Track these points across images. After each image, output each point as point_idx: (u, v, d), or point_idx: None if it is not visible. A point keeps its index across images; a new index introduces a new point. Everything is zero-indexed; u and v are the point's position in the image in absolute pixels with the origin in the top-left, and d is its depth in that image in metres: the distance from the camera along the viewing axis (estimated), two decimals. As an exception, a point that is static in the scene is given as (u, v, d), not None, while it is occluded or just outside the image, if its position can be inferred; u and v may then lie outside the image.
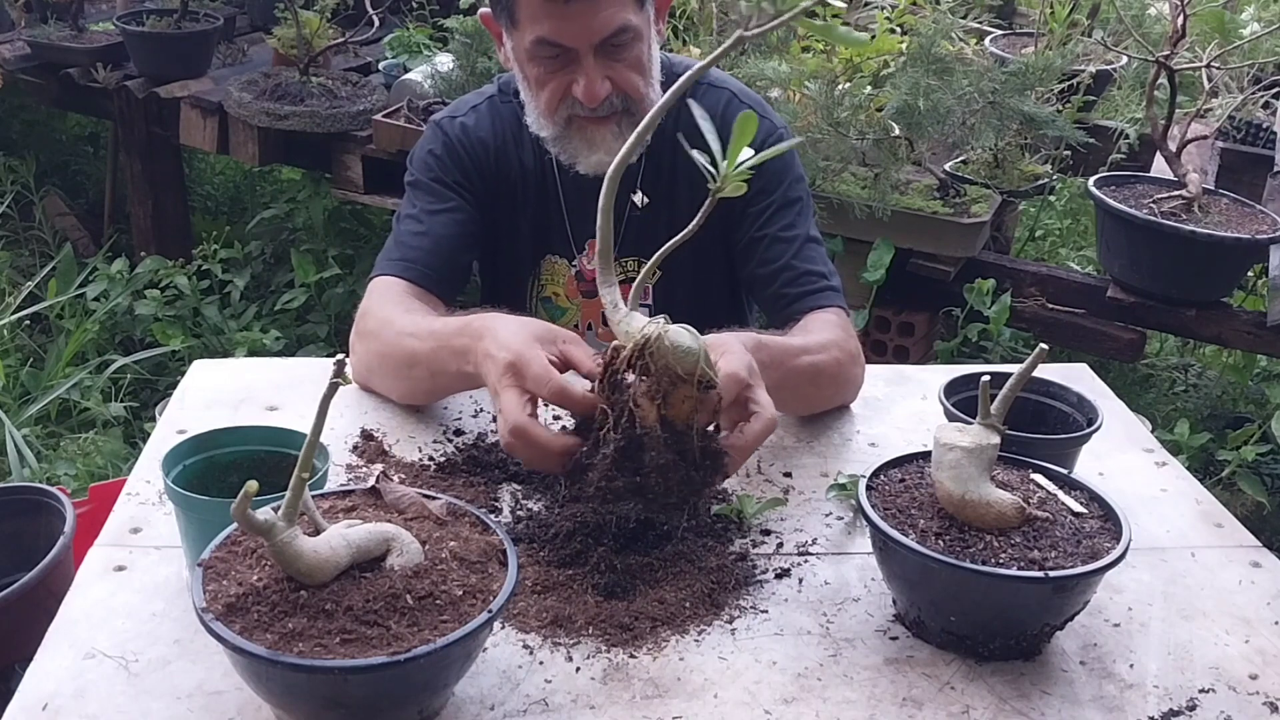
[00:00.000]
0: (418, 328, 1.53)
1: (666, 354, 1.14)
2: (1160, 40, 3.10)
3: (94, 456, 3.08)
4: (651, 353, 1.14)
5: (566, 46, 1.59)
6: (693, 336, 1.16)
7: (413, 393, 1.59)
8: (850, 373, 1.66)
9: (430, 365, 1.51)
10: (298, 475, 0.99)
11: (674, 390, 1.16)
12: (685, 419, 1.17)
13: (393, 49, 3.96)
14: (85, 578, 1.25)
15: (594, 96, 1.61)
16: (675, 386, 1.15)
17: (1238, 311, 2.92)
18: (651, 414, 1.16)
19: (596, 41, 1.59)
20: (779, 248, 1.73)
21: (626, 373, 1.18)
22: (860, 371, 1.69)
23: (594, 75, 1.61)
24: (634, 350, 1.15)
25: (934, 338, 3.21)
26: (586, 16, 1.56)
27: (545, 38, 1.59)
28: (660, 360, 1.14)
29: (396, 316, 1.59)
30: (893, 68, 2.98)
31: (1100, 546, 1.16)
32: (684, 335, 1.15)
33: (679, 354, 1.14)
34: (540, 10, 1.58)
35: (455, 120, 1.81)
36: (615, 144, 1.67)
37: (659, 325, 1.15)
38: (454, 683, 1.06)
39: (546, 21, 1.58)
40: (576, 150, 1.69)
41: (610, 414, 1.18)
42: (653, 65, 1.68)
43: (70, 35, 4.15)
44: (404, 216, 1.77)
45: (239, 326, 3.77)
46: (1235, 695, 1.15)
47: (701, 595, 1.25)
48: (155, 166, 4.24)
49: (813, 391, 1.60)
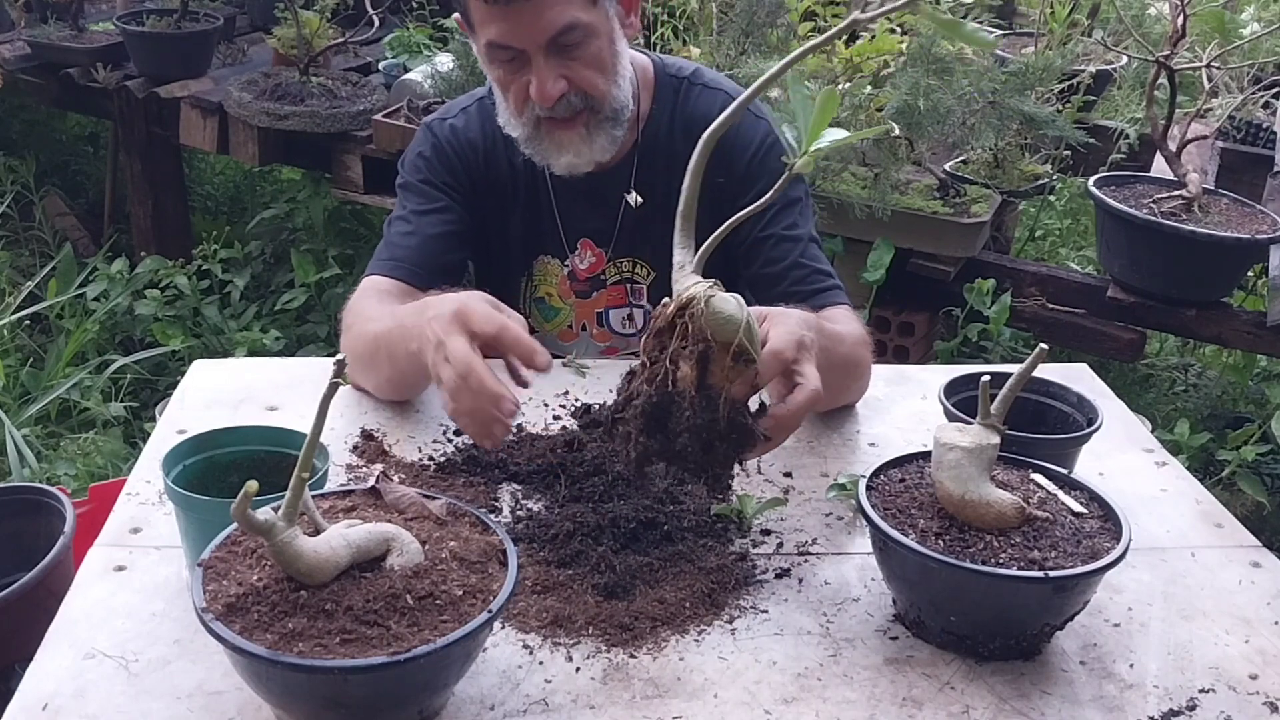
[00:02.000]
0: (380, 313, 1.55)
1: (706, 319, 1.11)
2: (1160, 40, 3.10)
3: (94, 456, 3.08)
4: (691, 314, 1.12)
5: (516, 48, 1.59)
6: (738, 305, 1.13)
7: (381, 383, 1.60)
8: (870, 369, 1.66)
9: (389, 348, 1.51)
10: (298, 475, 0.99)
11: (711, 357, 1.13)
12: (721, 387, 1.15)
13: (393, 49, 3.96)
14: (85, 578, 1.25)
15: (546, 97, 1.60)
16: (713, 353, 1.13)
17: (1238, 311, 2.92)
18: (689, 375, 1.13)
19: (544, 41, 1.57)
20: (785, 246, 1.73)
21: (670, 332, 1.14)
22: (870, 371, 1.70)
23: (545, 75, 1.60)
24: (676, 309, 1.13)
25: (934, 338, 3.21)
26: (530, 15, 1.55)
27: (494, 40, 1.59)
28: (698, 324, 1.12)
29: (368, 307, 1.60)
30: (893, 68, 2.98)
31: (1100, 546, 1.16)
32: (729, 303, 1.12)
33: (718, 321, 1.11)
34: (485, 14, 1.58)
35: (445, 122, 1.81)
36: (583, 145, 1.67)
37: (705, 288, 1.12)
38: (454, 683, 1.06)
39: (492, 25, 1.58)
40: (547, 152, 1.69)
41: (648, 367, 1.16)
42: (616, 61, 1.65)
43: (70, 35, 4.15)
44: (394, 219, 1.78)
45: (239, 326, 3.77)
46: (1235, 695, 1.15)
47: (701, 595, 1.25)
48: (155, 166, 4.23)
49: (850, 383, 1.61)
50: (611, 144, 1.69)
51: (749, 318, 1.13)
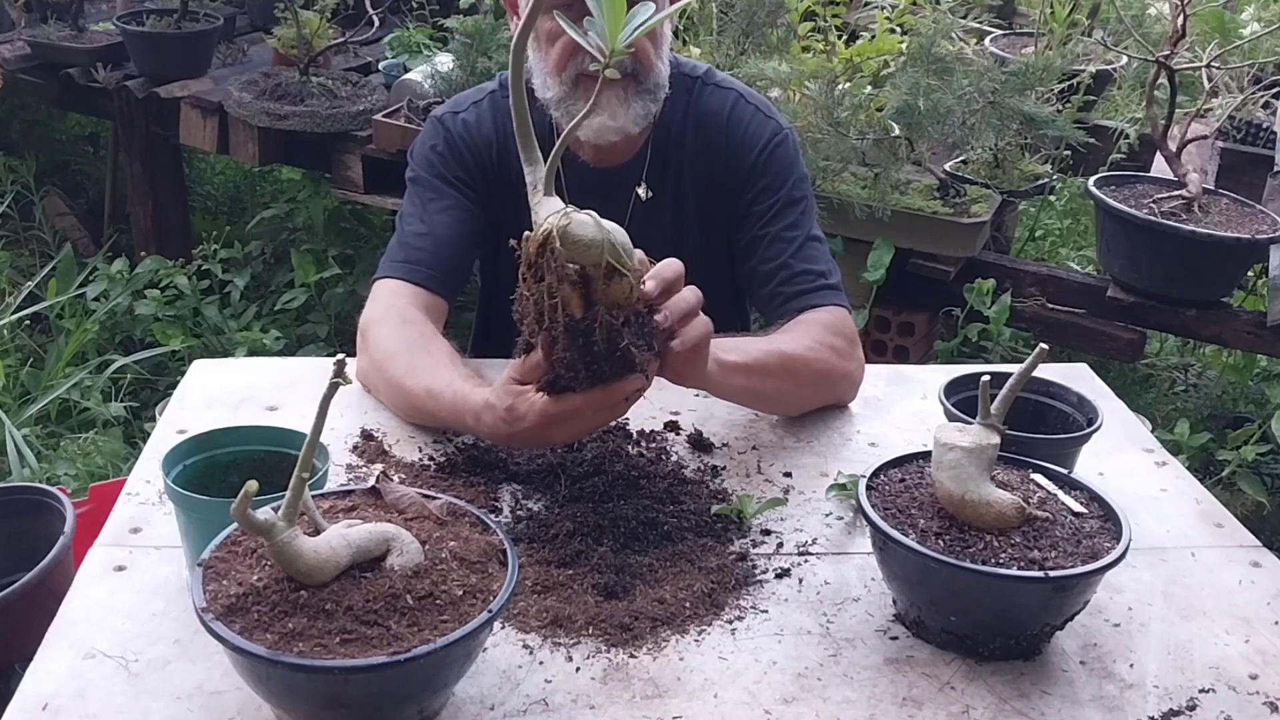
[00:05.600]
0: (417, 383, 1.53)
1: (569, 248, 1.11)
2: (1160, 40, 3.10)
3: (94, 456, 3.07)
4: (553, 249, 1.12)
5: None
6: (596, 226, 1.13)
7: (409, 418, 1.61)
8: (838, 369, 1.66)
9: (428, 419, 1.55)
10: (298, 475, 0.99)
11: (591, 279, 1.14)
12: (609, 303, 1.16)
13: (393, 49, 3.95)
14: (85, 578, 1.25)
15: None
16: (591, 276, 1.14)
17: (1238, 311, 2.92)
18: (575, 300, 1.14)
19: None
20: (779, 246, 1.73)
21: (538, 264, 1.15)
22: (856, 368, 1.69)
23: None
24: (536, 249, 1.13)
25: (934, 338, 3.21)
26: None
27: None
28: (560, 257, 1.11)
29: (398, 353, 1.58)
30: (893, 68, 2.98)
31: (1100, 546, 1.16)
32: (587, 227, 1.12)
33: (580, 248, 1.12)
34: None
35: (457, 116, 1.81)
36: (620, 109, 1.67)
37: (560, 216, 1.12)
38: (454, 683, 1.06)
39: None
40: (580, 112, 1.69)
41: (534, 306, 1.17)
42: (664, 41, 1.69)
43: (70, 35, 4.14)
44: (406, 215, 1.77)
45: (239, 326, 3.76)
46: (1235, 695, 1.15)
47: (701, 595, 1.25)
48: (155, 166, 4.23)
49: (794, 388, 1.61)
50: (644, 117, 1.70)
51: (608, 234, 1.13)
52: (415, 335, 1.60)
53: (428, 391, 1.50)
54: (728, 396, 1.58)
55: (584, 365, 1.21)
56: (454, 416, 1.46)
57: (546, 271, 1.13)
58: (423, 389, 1.51)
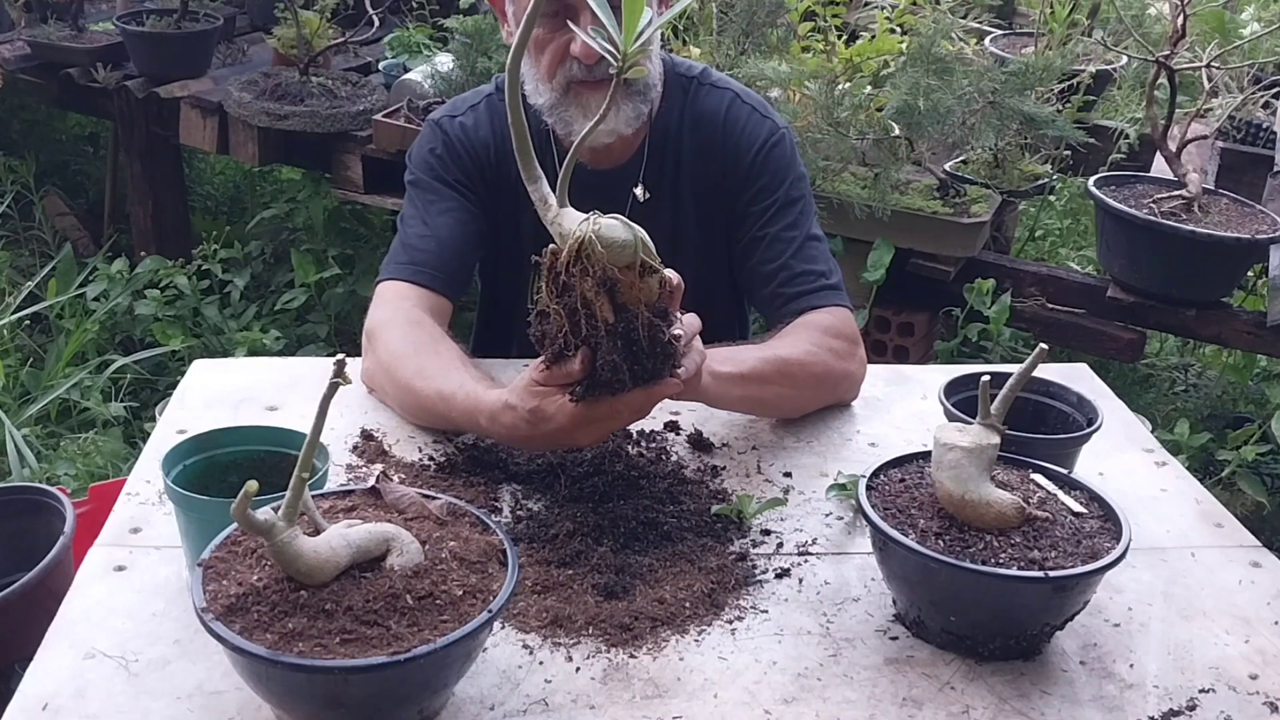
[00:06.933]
0: (428, 385, 1.53)
1: (604, 253, 1.13)
2: (1160, 40, 3.10)
3: (94, 456, 3.07)
4: (588, 255, 1.13)
5: (569, 3, 1.59)
6: (625, 226, 1.15)
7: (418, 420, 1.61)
8: (838, 370, 1.66)
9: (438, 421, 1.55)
10: (298, 475, 0.99)
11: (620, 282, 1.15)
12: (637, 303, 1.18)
13: (393, 49, 3.95)
14: (85, 578, 1.25)
15: (590, 54, 1.60)
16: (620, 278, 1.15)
17: (1238, 311, 2.92)
18: (605, 306, 1.16)
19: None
20: (778, 247, 1.73)
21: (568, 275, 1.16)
22: (857, 368, 1.69)
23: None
24: (570, 256, 1.14)
25: (934, 338, 3.21)
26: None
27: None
28: (599, 261, 1.13)
29: (407, 356, 1.57)
30: (893, 68, 2.98)
31: (1100, 546, 1.16)
32: (616, 229, 1.14)
33: (616, 249, 1.13)
34: None
35: (455, 120, 1.81)
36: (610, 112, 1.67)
37: (590, 223, 1.13)
38: (454, 683, 1.06)
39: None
40: (572, 118, 1.69)
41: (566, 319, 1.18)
42: (654, 39, 1.68)
43: (70, 35, 4.14)
44: (407, 218, 1.77)
45: (239, 326, 3.76)
46: (1235, 695, 1.16)
47: (701, 595, 1.25)
48: (155, 166, 4.23)
49: (792, 393, 1.61)
50: (635, 119, 1.70)
51: (637, 232, 1.15)
52: (424, 337, 1.60)
53: (439, 394, 1.50)
54: (726, 406, 1.59)
55: (628, 365, 1.21)
56: (467, 418, 1.46)
57: (582, 279, 1.14)
58: (434, 391, 1.51)
